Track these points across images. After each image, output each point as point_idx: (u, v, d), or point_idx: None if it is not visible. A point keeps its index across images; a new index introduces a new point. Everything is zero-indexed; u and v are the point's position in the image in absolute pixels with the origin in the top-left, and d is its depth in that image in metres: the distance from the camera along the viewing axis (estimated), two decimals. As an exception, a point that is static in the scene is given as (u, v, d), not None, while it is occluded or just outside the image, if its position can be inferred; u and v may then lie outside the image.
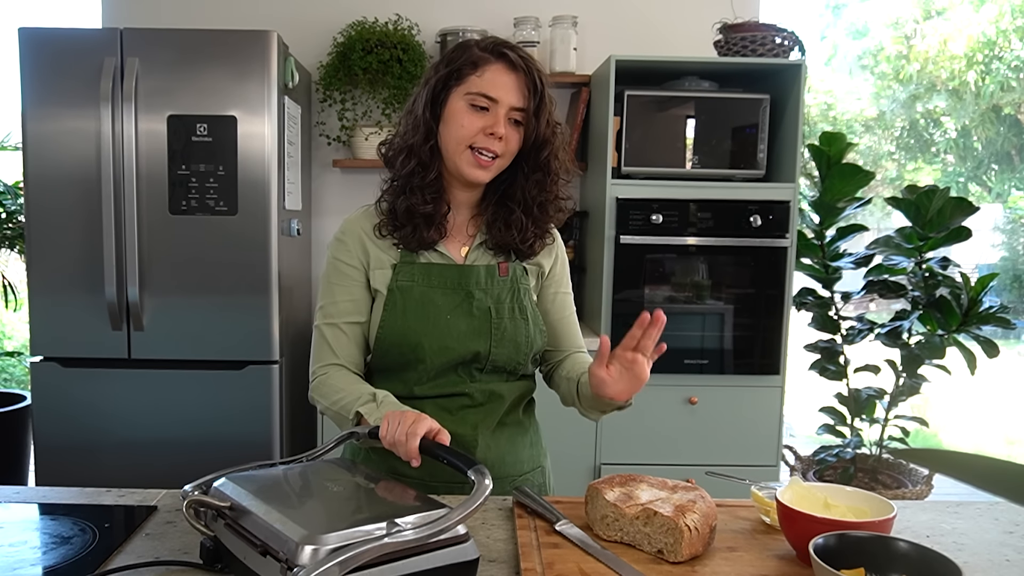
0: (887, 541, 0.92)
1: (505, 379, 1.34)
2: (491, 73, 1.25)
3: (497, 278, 1.33)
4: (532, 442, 1.41)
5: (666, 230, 2.68)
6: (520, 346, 1.31)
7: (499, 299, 1.32)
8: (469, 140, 1.25)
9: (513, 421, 1.37)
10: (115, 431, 2.56)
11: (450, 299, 1.29)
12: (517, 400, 1.36)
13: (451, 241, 1.34)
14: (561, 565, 0.97)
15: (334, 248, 1.35)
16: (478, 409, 1.32)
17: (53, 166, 2.49)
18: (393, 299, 1.29)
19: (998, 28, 10.53)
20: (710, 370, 2.76)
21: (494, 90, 1.25)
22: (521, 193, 1.33)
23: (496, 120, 1.25)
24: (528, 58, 1.29)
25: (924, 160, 11.76)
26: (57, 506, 1.17)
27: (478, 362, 1.30)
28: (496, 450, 1.33)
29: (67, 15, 9.87)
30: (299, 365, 2.92)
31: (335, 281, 1.33)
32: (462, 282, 1.31)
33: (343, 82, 3.03)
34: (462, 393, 1.31)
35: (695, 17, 3.17)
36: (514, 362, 1.32)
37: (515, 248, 1.34)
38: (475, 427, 1.31)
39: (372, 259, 1.32)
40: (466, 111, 1.26)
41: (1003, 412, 6.25)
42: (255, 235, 2.53)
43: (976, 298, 2.78)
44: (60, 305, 2.54)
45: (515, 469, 1.36)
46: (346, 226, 1.36)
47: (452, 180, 1.32)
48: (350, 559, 0.80)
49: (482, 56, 1.26)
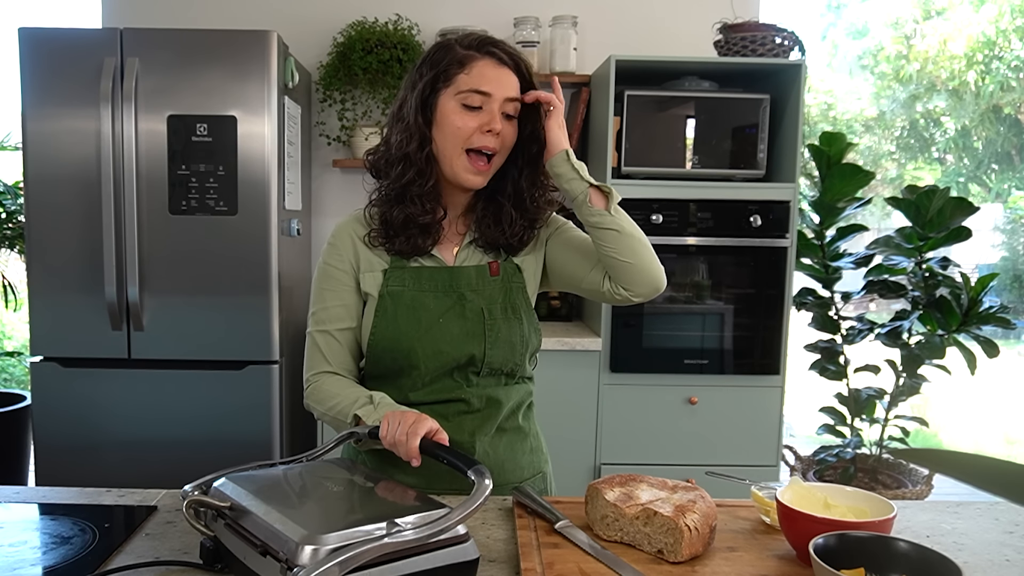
0: (887, 541, 0.92)
1: (503, 383, 1.33)
2: (480, 68, 1.24)
3: (488, 278, 1.31)
4: (532, 448, 1.39)
5: (666, 230, 2.68)
6: (515, 346, 1.30)
7: (491, 299, 1.30)
8: (465, 141, 1.24)
9: (512, 427, 1.35)
10: (115, 431, 2.56)
11: (442, 302, 1.28)
12: (516, 405, 1.35)
13: (442, 243, 1.33)
14: (561, 565, 0.97)
15: (325, 253, 1.34)
16: (475, 415, 1.30)
17: (53, 166, 2.49)
18: (384, 305, 1.28)
19: (998, 28, 10.53)
20: (710, 370, 2.76)
21: (486, 84, 1.23)
22: (512, 187, 1.32)
23: (491, 116, 1.23)
24: (514, 52, 1.27)
25: (924, 160, 11.76)
26: (57, 506, 1.17)
27: (473, 365, 1.28)
28: (495, 457, 1.32)
29: (67, 15, 9.87)
30: (299, 365, 2.91)
31: (326, 287, 1.32)
32: (453, 284, 1.29)
33: (343, 82, 3.03)
34: (459, 399, 1.29)
35: (695, 17, 3.17)
36: (510, 363, 1.31)
37: (504, 244, 1.33)
38: (472, 433, 1.30)
39: (363, 262, 1.31)
40: (459, 112, 1.24)
41: (1003, 412, 6.25)
42: (255, 235, 2.53)
43: (976, 298, 2.78)
44: (60, 305, 2.54)
45: (515, 476, 1.34)
46: (337, 231, 1.35)
47: (448, 184, 1.31)
48: (350, 559, 0.80)
49: (468, 54, 1.25)
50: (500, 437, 1.33)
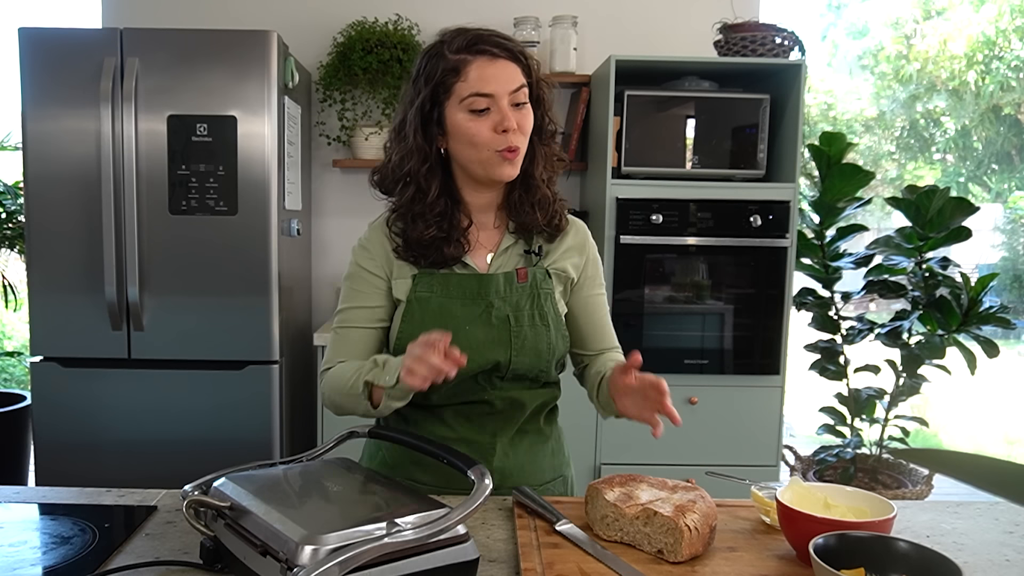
0: (887, 541, 0.92)
1: (527, 386, 1.31)
2: (475, 71, 1.20)
3: (515, 285, 1.28)
4: (554, 451, 1.38)
5: (666, 230, 2.68)
6: (542, 354, 1.28)
7: (518, 306, 1.27)
8: (488, 146, 1.21)
9: (534, 429, 1.34)
10: (115, 431, 2.57)
11: (469, 309, 1.26)
12: (539, 408, 1.33)
13: (475, 251, 1.30)
14: (561, 565, 0.97)
15: (357, 254, 1.32)
16: (498, 416, 1.30)
17: (53, 166, 2.49)
18: (411, 310, 1.27)
19: (998, 28, 10.53)
20: (710, 370, 2.76)
21: (486, 85, 1.19)
22: (542, 167, 1.29)
23: (502, 115, 1.20)
24: (506, 42, 1.23)
25: (924, 160, 11.76)
26: (57, 506, 1.17)
27: (499, 371, 1.26)
28: (515, 458, 1.31)
29: (67, 15, 9.88)
30: (299, 365, 2.93)
31: (355, 287, 1.31)
32: (482, 292, 1.27)
33: (343, 82, 3.03)
34: (482, 400, 1.28)
35: (695, 17, 3.17)
36: (536, 370, 1.29)
37: (541, 229, 1.31)
38: (494, 434, 1.29)
39: (395, 268, 1.29)
40: (468, 119, 1.20)
41: (1003, 412, 6.25)
42: (255, 235, 2.52)
43: (976, 298, 2.78)
44: (60, 305, 2.54)
45: (535, 478, 1.33)
46: (371, 233, 1.33)
47: (470, 188, 1.29)
48: (350, 559, 0.80)
49: (460, 59, 1.21)
50: (521, 439, 1.32)
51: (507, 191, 1.31)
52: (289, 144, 2.69)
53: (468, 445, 1.28)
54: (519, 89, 1.22)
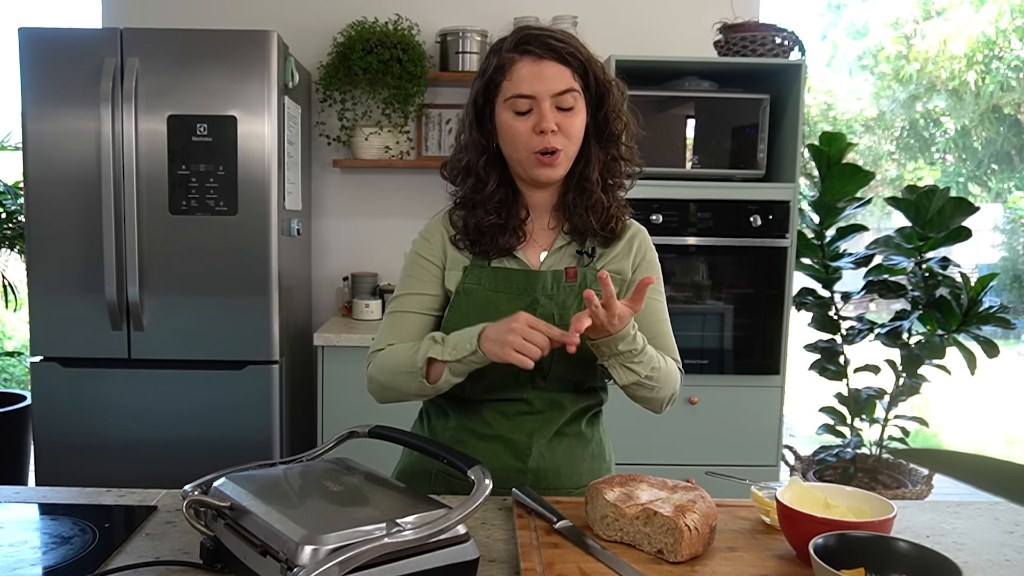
0: (887, 541, 0.92)
1: (570, 389, 1.29)
2: (518, 71, 1.21)
3: (564, 284, 1.27)
4: (594, 455, 1.36)
5: (666, 230, 2.68)
6: (587, 359, 1.22)
7: (564, 305, 1.25)
8: (526, 146, 1.22)
9: (574, 432, 1.32)
10: (115, 431, 2.57)
11: (515, 304, 1.24)
12: (580, 411, 1.32)
13: (530, 246, 1.30)
14: (561, 565, 0.97)
15: (417, 243, 1.35)
16: (536, 416, 1.28)
17: (53, 166, 2.49)
18: (459, 301, 1.28)
19: (998, 28, 10.53)
20: (710, 370, 2.76)
21: (526, 87, 1.20)
22: (598, 171, 1.28)
23: (541, 116, 1.19)
24: (555, 40, 1.21)
25: (924, 160, 11.76)
26: (57, 506, 1.17)
27: (541, 371, 1.24)
28: (551, 460, 1.29)
29: (67, 15, 9.87)
30: (299, 365, 2.93)
31: (412, 274, 1.33)
32: (528, 288, 1.26)
33: (343, 82, 3.03)
34: (521, 398, 1.27)
35: (695, 17, 3.17)
36: (579, 373, 1.27)
37: (597, 233, 1.29)
38: (531, 435, 1.28)
39: (449, 259, 1.31)
40: (512, 119, 1.22)
41: (1003, 412, 6.25)
42: (255, 235, 2.53)
43: (976, 298, 2.78)
44: (60, 305, 2.54)
45: (571, 481, 1.31)
46: (432, 223, 1.35)
47: (526, 185, 1.30)
48: (350, 559, 0.80)
49: (508, 57, 1.22)
50: (559, 441, 1.31)
51: (562, 192, 1.31)
52: (289, 144, 2.69)
53: (504, 443, 1.28)
54: (565, 92, 1.21)
